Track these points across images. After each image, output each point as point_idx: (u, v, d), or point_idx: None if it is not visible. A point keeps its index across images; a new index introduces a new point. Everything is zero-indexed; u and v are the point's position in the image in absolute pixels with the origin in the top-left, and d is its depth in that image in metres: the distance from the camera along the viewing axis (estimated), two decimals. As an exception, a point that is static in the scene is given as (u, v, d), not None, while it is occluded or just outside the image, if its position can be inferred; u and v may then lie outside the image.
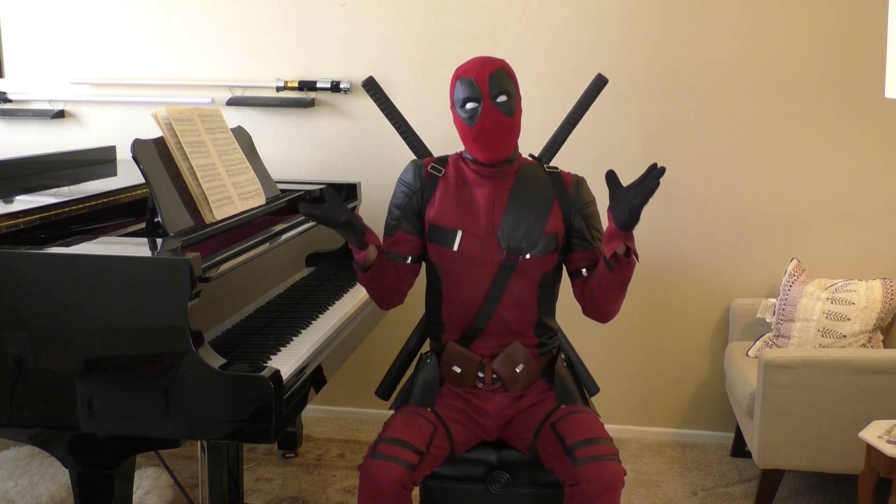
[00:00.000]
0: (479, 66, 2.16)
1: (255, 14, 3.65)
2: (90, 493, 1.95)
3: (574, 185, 2.26)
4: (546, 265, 2.23)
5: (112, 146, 3.31)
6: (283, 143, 3.71)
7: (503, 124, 2.14)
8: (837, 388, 2.81)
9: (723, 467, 3.41)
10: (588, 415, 2.18)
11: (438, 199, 2.23)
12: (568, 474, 2.04)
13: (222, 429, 1.87)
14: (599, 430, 2.13)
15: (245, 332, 2.24)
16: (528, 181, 2.24)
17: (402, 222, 2.26)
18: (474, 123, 2.14)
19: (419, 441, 2.08)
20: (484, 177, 2.23)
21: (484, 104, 2.13)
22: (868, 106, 3.32)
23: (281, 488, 3.19)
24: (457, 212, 2.21)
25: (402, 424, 2.12)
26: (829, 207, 3.43)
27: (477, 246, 2.19)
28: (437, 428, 2.15)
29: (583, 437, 2.07)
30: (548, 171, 2.28)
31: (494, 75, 2.14)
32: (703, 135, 3.47)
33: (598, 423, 2.16)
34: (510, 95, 2.15)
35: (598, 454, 2.03)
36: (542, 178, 2.26)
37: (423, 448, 2.07)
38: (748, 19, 3.37)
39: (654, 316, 3.62)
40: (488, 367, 2.22)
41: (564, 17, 3.46)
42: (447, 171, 2.26)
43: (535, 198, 2.22)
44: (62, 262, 1.87)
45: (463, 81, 2.16)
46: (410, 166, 2.30)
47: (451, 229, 2.20)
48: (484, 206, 2.21)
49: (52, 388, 1.89)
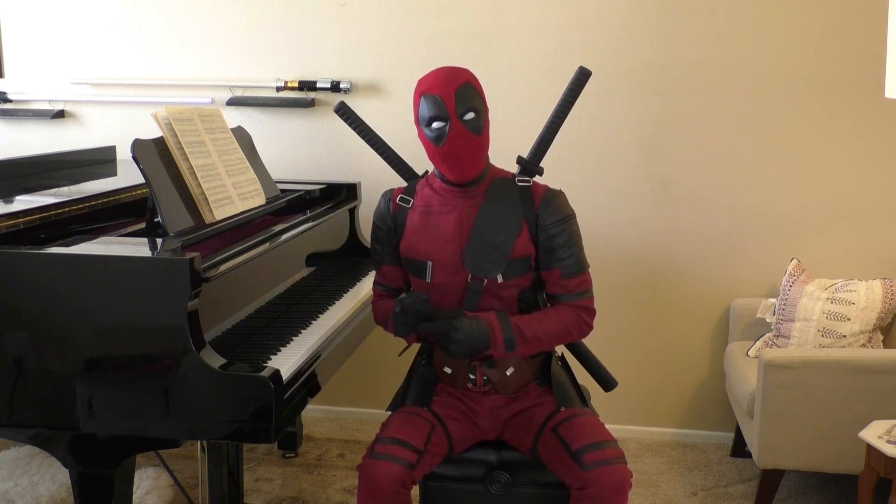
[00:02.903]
0: (443, 81, 2.05)
1: (255, 14, 3.65)
2: (90, 493, 1.95)
3: (543, 201, 2.15)
4: (522, 283, 2.19)
5: (112, 146, 3.31)
6: (283, 143, 3.71)
7: (471, 143, 2.07)
8: (837, 388, 2.81)
9: (723, 467, 3.41)
10: (589, 417, 2.17)
11: (408, 231, 2.21)
12: (575, 478, 2.03)
13: (222, 429, 1.87)
14: (603, 433, 2.12)
15: (245, 332, 2.24)
16: (497, 199, 2.15)
17: (384, 258, 2.29)
18: (441, 143, 2.06)
19: (417, 440, 2.08)
20: (452, 200, 2.18)
21: (451, 123, 2.04)
22: (868, 106, 3.32)
23: (281, 488, 3.19)
24: (425, 243, 2.18)
25: (400, 424, 2.12)
26: (829, 207, 3.43)
27: (447, 275, 2.16)
28: (435, 426, 2.15)
29: (588, 441, 2.06)
30: (519, 185, 2.18)
31: (460, 92, 2.05)
32: (703, 135, 3.47)
33: (600, 426, 2.15)
34: (477, 112, 2.07)
35: (606, 458, 2.02)
36: (512, 194, 2.16)
37: (421, 447, 2.07)
38: (748, 19, 3.37)
39: (654, 316, 3.62)
40: (479, 369, 2.21)
41: (563, 18, 3.46)
42: (415, 202, 2.22)
43: (503, 218, 2.13)
44: (62, 262, 1.87)
45: (427, 99, 2.06)
46: (382, 200, 2.28)
47: (422, 261, 2.19)
48: (450, 234, 2.16)
49: (52, 388, 1.89)
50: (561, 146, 2.50)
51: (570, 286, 2.16)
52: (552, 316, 2.16)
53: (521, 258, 2.14)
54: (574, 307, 2.17)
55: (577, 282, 2.17)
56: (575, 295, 2.17)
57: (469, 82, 2.08)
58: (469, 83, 2.08)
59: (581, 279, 2.18)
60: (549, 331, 2.14)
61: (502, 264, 2.12)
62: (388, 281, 2.32)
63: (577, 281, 2.17)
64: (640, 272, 3.57)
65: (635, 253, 3.57)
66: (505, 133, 3.08)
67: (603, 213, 3.57)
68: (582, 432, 2.09)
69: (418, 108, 2.10)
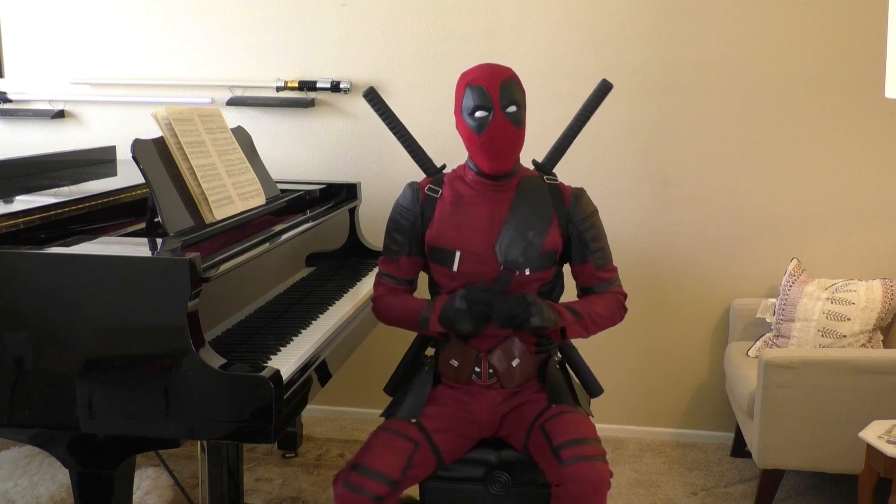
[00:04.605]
0: (490, 74, 2.14)
1: (255, 14, 3.65)
2: (90, 494, 1.95)
3: (573, 198, 2.26)
4: (545, 278, 2.25)
5: (112, 146, 3.31)
6: (283, 143, 3.71)
7: (512, 135, 2.14)
8: (837, 388, 2.81)
9: (723, 467, 3.41)
10: (577, 415, 2.18)
11: (437, 221, 2.24)
12: (554, 474, 2.04)
13: (222, 429, 1.87)
14: (588, 431, 2.12)
15: (245, 332, 2.24)
16: (529, 195, 2.23)
17: (405, 247, 2.28)
18: (482, 133, 2.12)
19: (394, 467, 2.05)
20: (484, 192, 2.22)
21: (494, 113, 2.12)
22: (868, 106, 3.32)
23: (281, 488, 3.19)
24: (454, 232, 2.21)
25: (380, 449, 2.09)
26: (829, 207, 3.43)
27: (476, 264, 2.20)
28: (420, 445, 2.13)
29: (570, 437, 2.07)
30: (548, 183, 2.27)
31: (505, 84, 2.13)
32: (703, 135, 3.47)
33: (587, 424, 2.16)
34: (519, 106, 2.15)
35: (584, 454, 2.03)
36: (542, 191, 2.25)
37: (397, 475, 2.05)
38: (748, 20, 3.37)
39: (654, 316, 3.62)
40: (485, 361, 2.23)
41: (564, 17, 3.46)
42: (443, 192, 2.26)
43: (535, 213, 2.21)
44: (62, 262, 1.87)
45: (473, 89, 2.13)
46: (408, 190, 2.28)
47: (450, 250, 2.21)
48: (482, 224, 2.20)
49: (52, 389, 1.89)
50: (561, 146, 2.51)
51: (605, 276, 2.29)
52: (596, 300, 2.27)
53: (550, 252, 2.22)
54: (613, 293, 2.30)
55: (609, 272, 2.30)
56: (610, 283, 2.30)
57: (513, 78, 2.17)
58: (513, 79, 2.17)
59: (612, 269, 2.31)
60: (601, 312, 2.25)
61: (535, 258, 2.19)
62: (402, 273, 2.30)
63: (608, 271, 2.30)
64: (639, 272, 3.56)
65: (635, 253, 3.57)
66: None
67: (603, 213, 3.51)
68: (566, 428, 2.10)
69: (462, 98, 2.17)
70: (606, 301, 2.28)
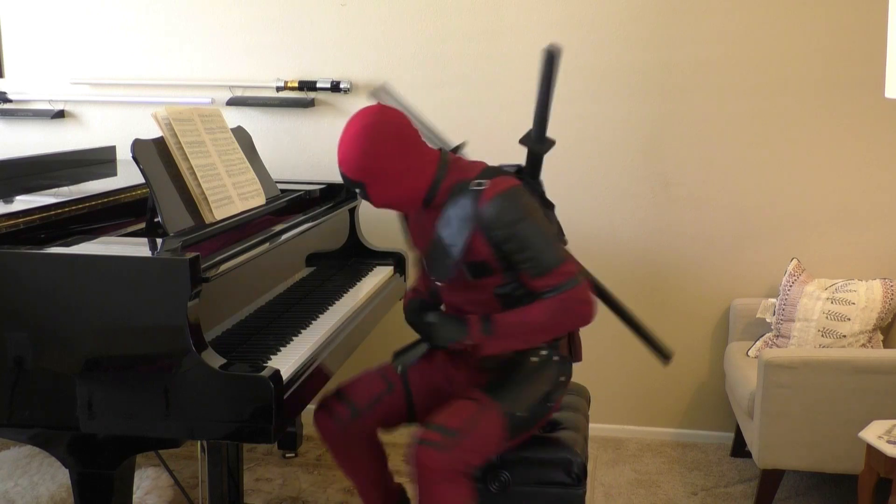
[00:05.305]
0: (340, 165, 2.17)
1: (255, 14, 3.65)
2: (90, 494, 1.96)
3: (488, 204, 2.10)
4: (494, 282, 2.20)
5: (112, 146, 3.31)
6: (283, 143, 3.71)
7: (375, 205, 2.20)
8: (837, 388, 2.81)
9: (723, 467, 3.41)
10: (469, 403, 2.15)
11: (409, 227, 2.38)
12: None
13: (222, 429, 1.87)
14: (451, 420, 2.10)
15: (245, 332, 2.24)
16: (453, 206, 2.16)
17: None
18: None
19: (361, 398, 2.32)
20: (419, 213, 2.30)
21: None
22: (868, 106, 3.32)
23: (281, 488, 3.19)
24: (416, 241, 2.36)
25: (359, 382, 2.37)
26: (829, 207, 3.43)
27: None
28: (395, 388, 2.34)
29: (431, 419, 2.14)
30: (472, 189, 2.13)
31: (345, 178, 2.16)
32: (703, 134, 3.47)
33: (466, 413, 2.12)
34: (360, 186, 2.14)
35: (424, 438, 2.10)
36: (465, 200, 2.14)
37: (362, 406, 2.30)
38: (748, 20, 3.37)
39: (653, 316, 3.59)
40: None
41: (564, 17, 3.46)
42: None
43: (454, 226, 2.15)
44: (62, 262, 1.87)
45: None
46: None
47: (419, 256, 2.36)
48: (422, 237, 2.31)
49: (52, 388, 1.89)
50: (561, 146, 2.49)
51: (547, 283, 2.11)
52: (535, 306, 2.13)
53: (476, 262, 2.16)
54: (557, 298, 2.12)
55: (550, 278, 2.11)
56: (557, 288, 2.11)
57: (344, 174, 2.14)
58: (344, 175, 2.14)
59: (553, 274, 2.11)
60: (538, 319, 2.12)
61: (454, 268, 2.18)
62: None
63: (549, 277, 2.11)
64: (640, 272, 3.56)
65: (635, 253, 3.57)
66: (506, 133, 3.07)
67: (603, 213, 3.57)
68: (444, 409, 2.15)
69: None
70: (546, 307, 2.12)
